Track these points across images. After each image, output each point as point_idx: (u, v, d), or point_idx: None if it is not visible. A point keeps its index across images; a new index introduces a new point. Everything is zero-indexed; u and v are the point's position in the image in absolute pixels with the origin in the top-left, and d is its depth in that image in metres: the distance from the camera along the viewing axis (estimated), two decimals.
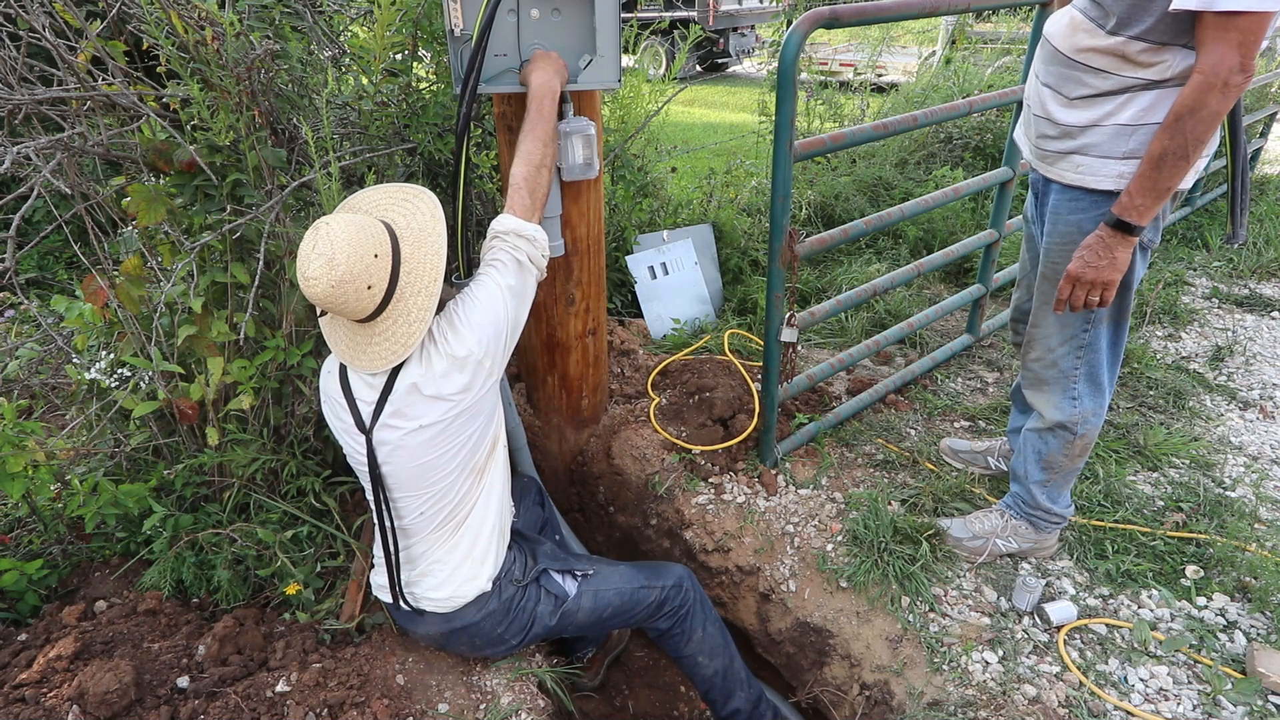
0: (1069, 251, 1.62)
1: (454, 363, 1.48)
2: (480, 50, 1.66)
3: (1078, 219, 1.59)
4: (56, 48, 1.59)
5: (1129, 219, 1.45)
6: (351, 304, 1.40)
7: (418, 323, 1.46)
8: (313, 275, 1.36)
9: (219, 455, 1.91)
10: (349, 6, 2.41)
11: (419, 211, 1.52)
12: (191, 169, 1.70)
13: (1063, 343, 1.73)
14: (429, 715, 1.68)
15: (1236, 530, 2.07)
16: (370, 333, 1.47)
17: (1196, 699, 1.65)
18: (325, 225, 1.39)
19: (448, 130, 2.07)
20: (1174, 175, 1.40)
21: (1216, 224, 4.35)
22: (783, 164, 1.89)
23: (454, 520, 1.64)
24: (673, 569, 1.92)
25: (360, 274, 1.38)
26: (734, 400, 2.55)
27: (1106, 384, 1.76)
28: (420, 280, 1.46)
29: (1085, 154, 1.54)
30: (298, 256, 1.40)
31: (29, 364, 2.06)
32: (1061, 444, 1.83)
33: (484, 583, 1.67)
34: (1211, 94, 1.31)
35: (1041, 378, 1.80)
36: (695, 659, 1.91)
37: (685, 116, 8.71)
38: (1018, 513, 1.99)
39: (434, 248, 1.49)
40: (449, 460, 1.56)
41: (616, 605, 1.82)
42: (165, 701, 1.58)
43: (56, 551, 1.93)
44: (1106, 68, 1.46)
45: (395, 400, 1.50)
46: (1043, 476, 1.90)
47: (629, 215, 3.29)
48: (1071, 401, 1.77)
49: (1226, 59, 1.29)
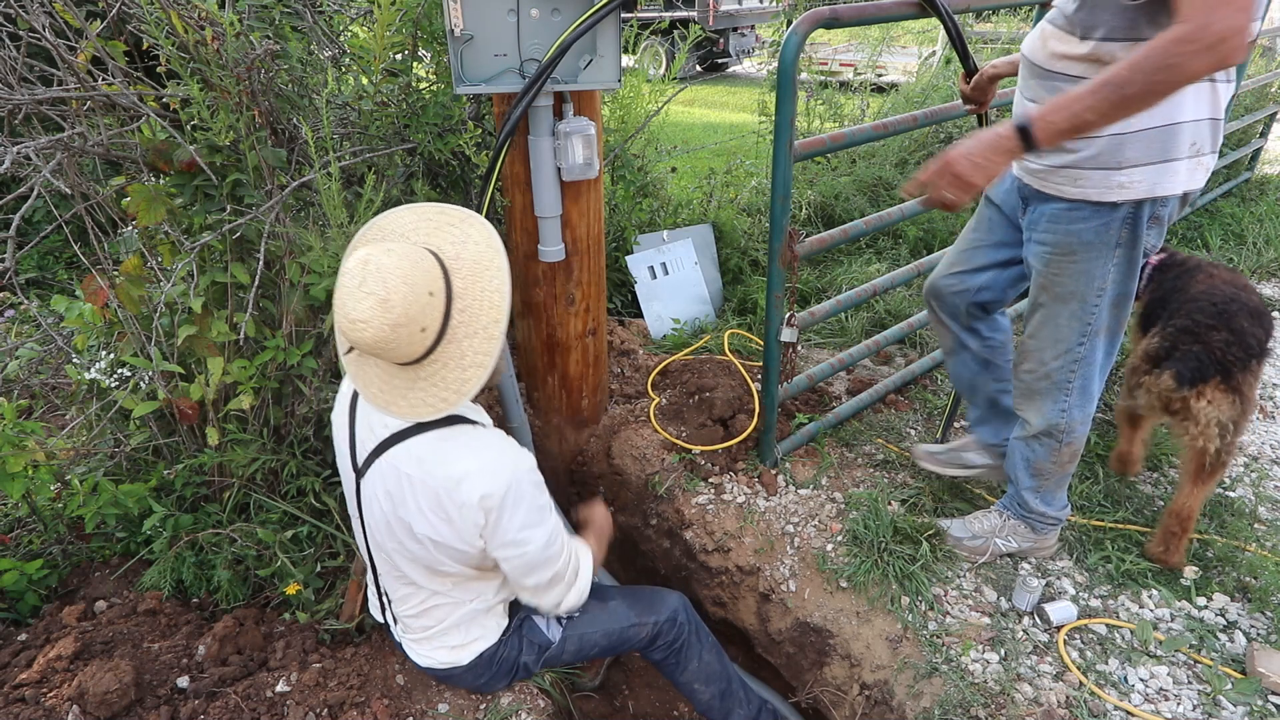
0: (1072, 264, 1.57)
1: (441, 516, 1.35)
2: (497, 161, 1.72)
3: (1079, 229, 1.54)
4: (56, 48, 1.59)
5: (1034, 130, 1.29)
6: (401, 349, 1.23)
7: (473, 368, 1.28)
8: (363, 317, 1.17)
9: (219, 455, 1.91)
10: (349, 6, 2.41)
11: (470, 239, 1.33)
12: (191, 169, 1.70)
13: (1057, 356, 1.69)
14: (429, 715, 1.68)
15: (1236, 530, 2.07)
16: (412, 377, 1.30)
17: (1196, 699, 1.65)
18: (373, 259, 1.20)
19: (448, 130, 2.07)
20: (1099, 111, 1.24)
21: (1217, 224, 4.35)
22: (783, 164, 1.89)
23: (438, 595, 1.52)
24: (668, 601, 1.80)
25: (416, 316, 1.21)
26: (734, 400, 2.55)
27: (1095, 393, 1.75)
28: (477, 320, 1.29)
29: (1083, 167, 1.48)
30: (338, 295, 1.21)
31: (29, 364, 2.06)
32: (1049, 451, 1.82)
33: (464, 656, 1.58)
34: (1192, 52, 1.13)
35: (1034, 389, 1.78)
36: (691, 685, 1.85)
37: (685, 116, 8.71)
38: (1015, 513, 1.99)
39: (493, 283, 1.30)
40: (436, 563, 1.43)
41: (604, 646, 1.72)
42: (165, 701, 1.58)
43: (56, 551, 1.93)
44: (1085, 74, 1.39)
45: (395, 459, 1.36)
46: (1033, 483, 1.89)
47: (629, 215, 3.29)
48: (1061, 411, 1.75)
49: (1214, 12, 1.10)
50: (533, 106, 1.82)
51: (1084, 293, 1.59)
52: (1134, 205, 1.48)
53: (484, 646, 1.59)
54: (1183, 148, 1.42)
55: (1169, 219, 1.54)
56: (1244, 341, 1.80)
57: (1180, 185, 1.46)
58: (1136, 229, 1.51)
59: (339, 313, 1.21)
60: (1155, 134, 1.41)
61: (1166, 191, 1.45)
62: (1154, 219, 1.51)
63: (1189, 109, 1.40)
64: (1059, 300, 1.64)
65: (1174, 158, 1.42)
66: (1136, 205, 1.48)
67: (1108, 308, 1.61)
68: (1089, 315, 1.61)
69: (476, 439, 1.38)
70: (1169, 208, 1.51)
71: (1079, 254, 1.56)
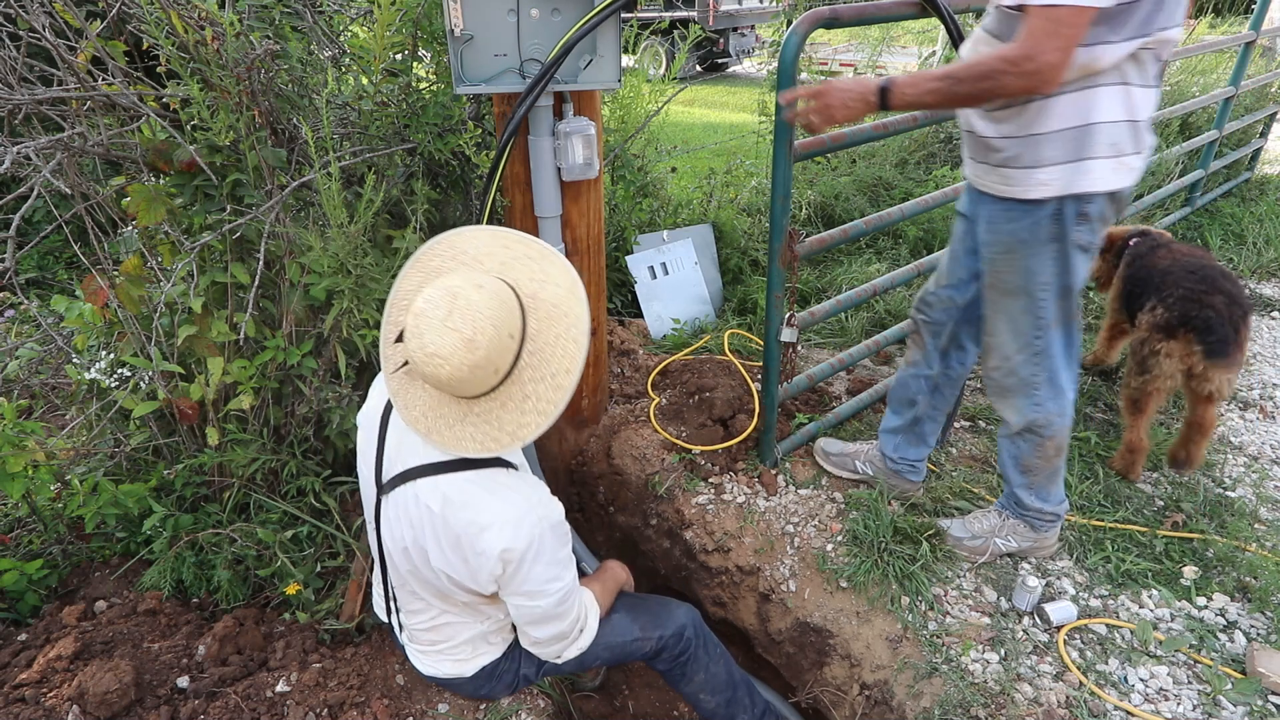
0: (1012, 260, 1.65)
1: (459, 553, 1.32)
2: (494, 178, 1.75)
3: (1013, 228, 1.62)
4: (56, 48, 1.59)
5: (890, 93, 1.49)
6: (469, 388, 1.19)
7: (533, 414, 1.22)
8: (444, 354, 1.12)
9: (219, 455, 1.91)
10: (349, 6, 2.41)
11: (551, 280, 1.28)
12: (191, 169, 1.70)
13: (1019, 350, 1.74)
14: (429, 715, 1.68)
15: (1236, 530, 2.07)
16: (464, 410, 1.24)
17: (1196, 699, 1.65)
18: (462, 294, 1.15)
19: (448, 130, 2.07)
20: (937, 95, 1.45)
21: (1217, 224, 4.35)
22: (783, 164, 1.89)
23: (449, 614, 1.51)
24: (675, 615, 1.75)
25: (495, 358, 1.16)
26: (734, 400, 2.55)
27: (1066, 386, 1.78)
28: (546, 366, 1.23)
29: (1009, 166, 1.56)
30: (414, 322, 1.15)
31: (29, 364, 2.06)
32: (1032, 447, 1.85)
33: (468, 669, 1.58)
34: (1012, 75, 1.33)
35: (1004, 385, 1.82)
36: (696, 695, 1.83)
37: (685, 116, 8.71)
38: (1013, 512, 2.00)
39: (570, 331, 1.24)
40: (449, 592, 1.42)
41: (605, 658, 1.68)
42: (165, 701, 1.58)
43: (56, 551, 1.93)
44: None
45: (421, 491, 1.32)
46: (1024, 480, 1.92)
47: (629, 215, 3.29)
48: (1035, 406, 1.79)
49: (1040, 44, 1.30)
50: (533, 106, 1.82)
51: (1029, 287, 1.66)
52: (1058, 202, 1.55)
53: (488, 660, 1.59)
54: (1099, 148, 1.49)
55: (1101, 217, 1.59)
56: (1239, 300, 2.10)
57: (1099, 183, 1.52)
58: (1064, 225, 1.57)
59: (413, 341, 1.15)
60: (1070, 134, 1.48)
61: (1083, 189, 1.52)
62: (1082, 216, 1.57)
63: (1103, 111, 1.47)
64: (1008, 296, 1.71)
65: (1089, 157, 1.49)
66: (1060, 202, 1.55)
67: (1054, 300, 1.66)
68: (1039, 309, 1.67)
69: (507, 486, 1.34)
70: (1095, 205, 1.56)
71: (1016, 251, 1.63)
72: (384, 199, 1.93)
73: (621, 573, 1.81)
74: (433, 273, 1.33)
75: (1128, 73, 1.45)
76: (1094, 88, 1.45)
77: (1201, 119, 5.02)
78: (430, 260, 1.34)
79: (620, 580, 1.79)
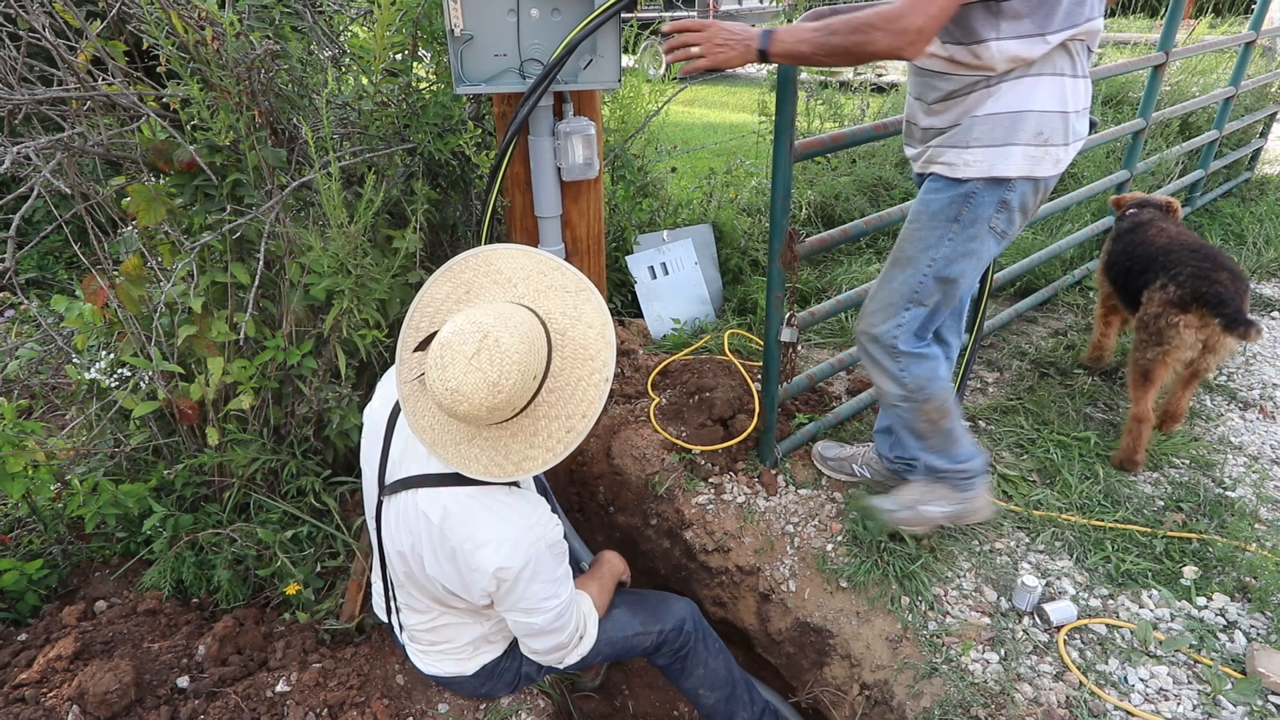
0: (916, 231, 1.68)
1: (455, 567, 1.32)
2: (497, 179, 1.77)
3: (930, 199, 1.66)
4: (56, 48, 1.59)
5: (770, 40, 1.49)
6: (484, 419, 1.17)
7: (541, 449, 1.21)
8: (465, 392, 1.10)
9: (219, 455, 1.91)
10: (349, 6, 2.41)
11: (584, 319, 1.25)
12: (191, 169, 1.70)
13: (885, 319, 1.77)
14: (429, 715, 1.68)
15: (1236, 530, 2.07)
16: (473, 432, 1.23)
17: (1196, 699, 1.65)
18: (492, 333, 1.11)
19: (448, 130, 2.07)
20: (812, 45, 1.46)
21: (1217, 224, 4.35)
22: (783, 164, 1.89)
23: (448, 616, 1.51)
24: (675, 609, 1.76)
25: (516, 399, 1.15)
26: (734, 400, 2.55)
27: (928, 353, 1.80)
28: (563, 406, 1.21)
29: (942, 146, 1.62)
30: (438, 350, 1.13)
31: (29, 364, 2.06)
32: (912, 412, 1.86)
33: (469, 668, 1.58)
34: (883, 31, 1.36)
35: (870, 354, 1.84)
36: (695, 691, 1.83)
37: (685, 116, 8.70)
38: (931, 477, 2.00)
39: (594, 377, 1.22)
40: (445, 598, 1.43)
41: (606, 654, 1.69)
42: (165, 701, 1.58)
43: (56, 551, 1.93)
44: (946, 70, 1.56)
45: (421, 501, 1.33)
46: (920, 444, 1.94)
47: (629, 215, 3.29)
48: (900, 371, 1.81)
49: (914, 8, 1.33)
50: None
51: (918, 259, 1.69)
52: (979, 184, 1.58)
53: (489, 659, 1.59)
54: (1025, 134, 1.52)
55: (1022, 206, 1.62)
56: (1240, 276, 2.24)
57: (1018, 169, 1.55)
58: (978, 209, 1.60)
59: (435, 371, 1.12)
60: (1001, 119, 1.52)
61: (1003, 173, 1.55)
62: (1002, 204, 1.60)
63: (1038, 100, 1.51)
64: (897, 265, 1.74)
65: (1014, 143, 1.53)
66: (981, 184, 1.58)
67: (934, 281, 1.70)
68: (917, 283, 1.71)
69: (507, 505, 1.33)
70: (1017, 194, 1.59)
71: (923, 221, 1.67)
72: (384, 199, 1.93)
73: (618, 563, 1.81)
74: (463, 286, 1.31)
75: (1061, 64, 1.51)
76: (1034, 77, 1.50)
77: (1201, 119, 5.02)
78: (463, 273, 1.32)
79: (617, 571, 1.79)
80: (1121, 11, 9.90)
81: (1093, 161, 4.25)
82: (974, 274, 1.71)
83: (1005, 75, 1.50)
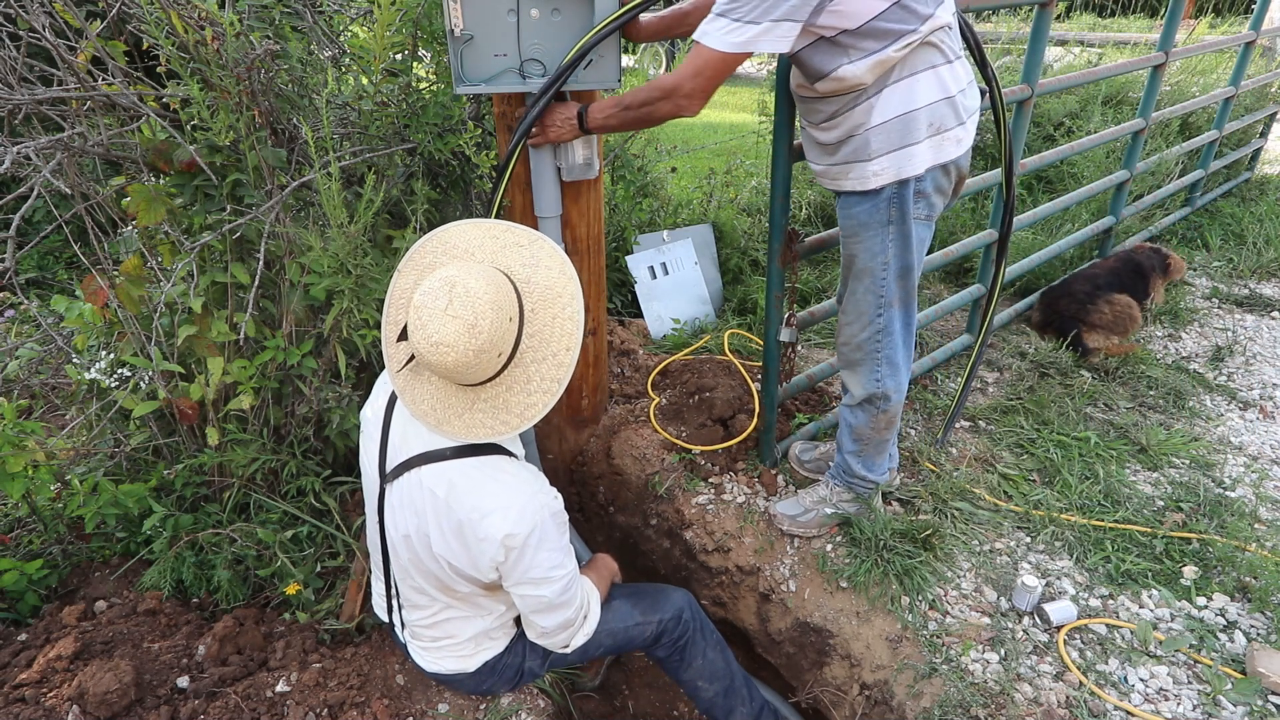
0: (858, 243, 1.75)
1: (461, 541, 1.33)
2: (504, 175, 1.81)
3: (855, 213, 1.72)
4: (56, 48, 1.59)
5: (585, 114, 1.71)
6: (475, 373, 1.22)
7: (539, 393, 1.27)
8: (448, 341, 1.16)
9: (219, 455, 1.91)
10: (349, 6, 2.41)
11: (542, 264, 1.33)
12: (191, 169, 1.70)
13: (863, 328, 1.84)
14: (429, 715, 1.68)
15: (1236, 530, 2.07)
16: (471, 398, 1.28)
17: (1196, 699, 1.65)
18: (460, 281, 1.19)
19: (448, 130, 2.07)
20: (617, 119, 1.67)
21: (1217, 224, 4.35)
22: (783, 164, 1.89)
23: (452, 609, 1.52)
24: (673, 599, 1.80)
25: (498, 341, 1.20)
26: (734, 400, 2.55)
27: (902, 364, 1.89)
28: (546, 346, 1.28)
29: (847, 162, 1.67)
30: (416, 315, 1.19)
31: (29, 364, 2.06)
32: (869, 417, 1.95)
33: (471, 665, 1.59)
34: (664, 100, 1.56)
35: (852, 360, 1.93)
36: (694, 683, 1.85)
37: None
38: (841, 481, 2.10)
39: (565, 311, 1.29)
40: (450, 581, 1.43)
41: (608, 645, 1.71)
42: (165, 701, 1.58)
43: (56, 551, 1.93)
44: (821, 93, 1.61)
45: (425, 477, 1.34)
46: (855, 447, 2.03)
47: (629, 215, 3.29)
48: (876, 380, 1.89)
49: (686, 79, 1.51)
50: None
51: (872, 268, 1.76)
52: (893, 187, 1.64)
53: (491, 655, 1.60)
54: (920, 132, 1.59)
55: (938, 189, 1.70)
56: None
57: (924, 163, 1.62)
58: (903, 206, 1.67)
59: (417, 334, 1.18)
60: (893, 124, 1.58)
61: (912, 172, 1.62)
62: (919, 194, 1.67)
63: (921, 97, 1.57)
64: (856, 278, 1.81)
65: (912, 143, 1.60)
66: (895, 187, 1.64)
67: (894, 280, 1.76)
68: (880, 288, 1.77)
69: (510, 473, 1.36)
70: (929, 181, 1.66)
71: (860, 234, 1.73)
72: (384, 199, 1.93)
73: (612, 564, 1.85)
74: (427, 269, 1.36)
75: (931, 57, 1.56)
76: (910, 77, 1.55)
77: (1201, 119, 5.02)
78: (423, 257, 1.37)
79: (612, 570, 1.83)
80: (1121, 11, 9.91)
81: (1093, 162, 4.25)
82: (920, 258, 1.78)
83: (881, 83, 1.55)
